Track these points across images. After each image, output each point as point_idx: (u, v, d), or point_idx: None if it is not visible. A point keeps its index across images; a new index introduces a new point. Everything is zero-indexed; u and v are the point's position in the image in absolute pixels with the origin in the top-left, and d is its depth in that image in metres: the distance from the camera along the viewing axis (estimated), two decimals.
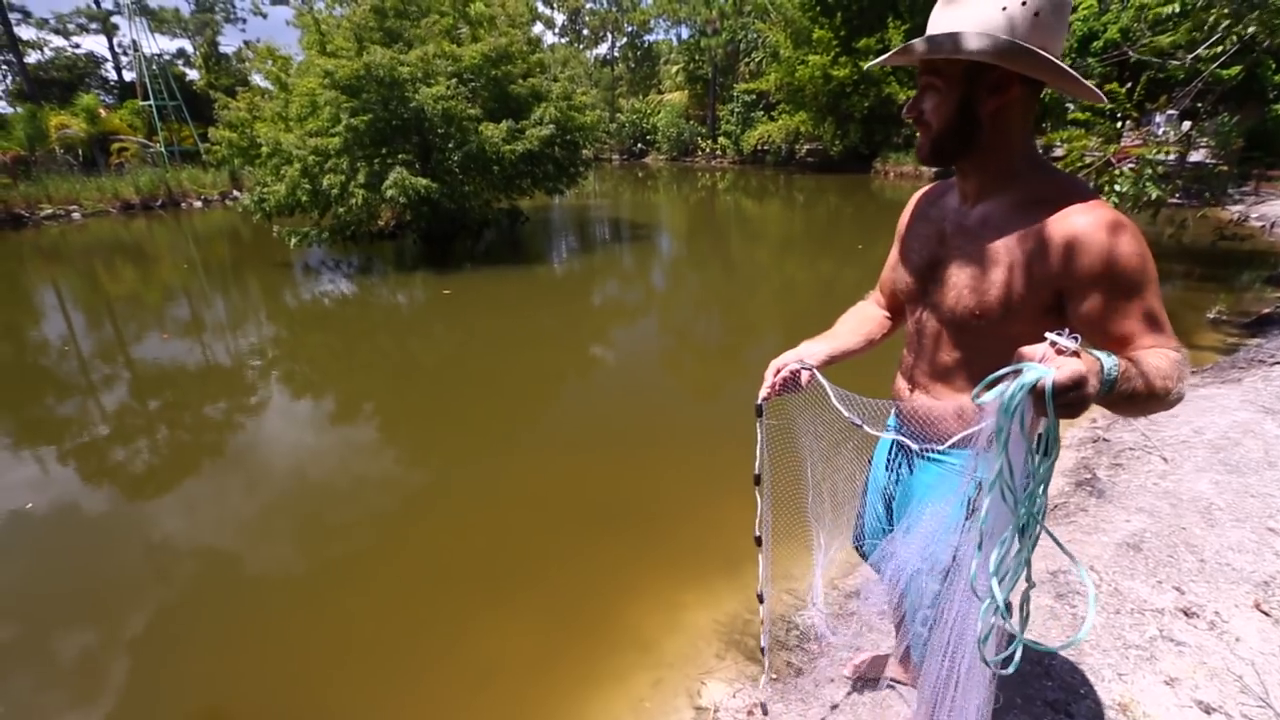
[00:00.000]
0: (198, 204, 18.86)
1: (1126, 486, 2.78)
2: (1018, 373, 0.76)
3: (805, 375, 1.23)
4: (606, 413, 4.52)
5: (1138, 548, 2.32)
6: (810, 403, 1.24)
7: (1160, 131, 7.93)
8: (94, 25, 29.08)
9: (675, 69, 37.68)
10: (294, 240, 9.06)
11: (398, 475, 3.72)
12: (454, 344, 6.28)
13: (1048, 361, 0.74)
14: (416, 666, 2.24)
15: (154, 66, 23.98)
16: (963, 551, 0.98)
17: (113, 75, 31.38)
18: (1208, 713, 1.63)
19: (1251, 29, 5.38)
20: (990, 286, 1.00)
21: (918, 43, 0.95)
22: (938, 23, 0.95)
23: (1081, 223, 0.90)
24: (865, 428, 1.14)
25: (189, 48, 32.37)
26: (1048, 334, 0.77)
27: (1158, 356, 0.85)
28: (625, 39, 41.07)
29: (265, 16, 40.43)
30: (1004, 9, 0.89)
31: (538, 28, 12.41)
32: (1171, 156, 7.02)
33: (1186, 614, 1.97)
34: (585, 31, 42.27)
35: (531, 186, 10.54)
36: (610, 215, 15.74)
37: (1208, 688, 1.70)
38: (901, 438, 1.19)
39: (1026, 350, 0.76)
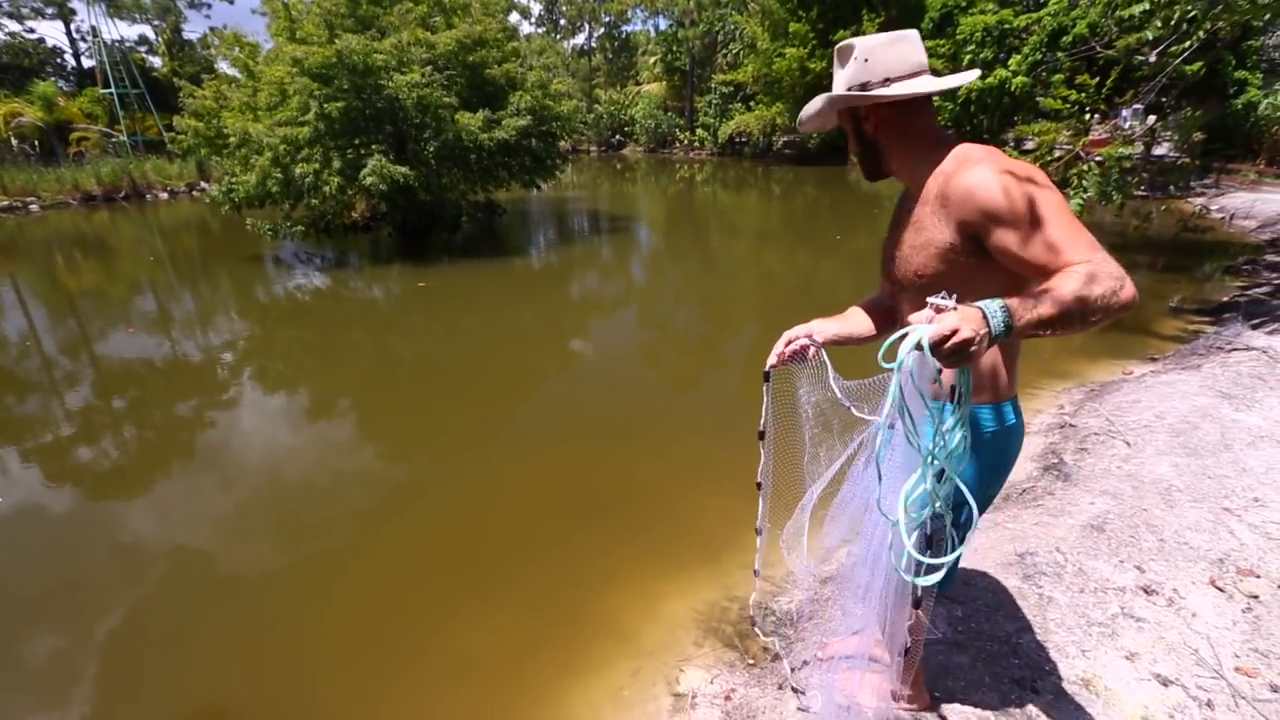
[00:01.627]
0: (164, 196, 18.34)
1: (1091, 470, 2.87)
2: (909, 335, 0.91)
3: (812, 350, 1.37)
4: (585, 406, 4.52)
5: (1101, 529, 2.39)
6: (812, 375, 1.38)
7: (1127, 125, 8.13)
8: (50, 10, 27.91)
9: (653, 60, 37.45)
10: (268, 233, 8.86)
11: (375, 471, 3.68)
12: (431, 338, 6.21)
13: (932, 322, 0.88)
14: (396, 661, 2.23)
15: (115, 53, 23.17)
16: (866, 484, 1.21)
17: (71, 62, 30.23)
18: (1165, 685, 1.70)
19: (1219, 23, 5.53)
20: (924, 247, 1.18)
21: (803, 113, 1.30)
22: (833, 85, 1.26)
23: (970, 174, 1.08)
24: (853, 409, 1.24)
25: (151, 34, 31.32)
26: (930, 299, 0.91)
27: (1070, 274, 0.95)
28: (602, 29, 40.72)
29: (232, 1, 39.34)
30: (849, 67, 1.19)
31: (513, 17, 12.24)
32: (1137, 151, 7.20)
33: (1147, 591, 2.05)
34: (562, 22, 41.82)
35: (509, 178, 10.43)
36: (588, 207, 15.66)
37: (1166, 661, 1.77)
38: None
39: (913, 316, 0.93)
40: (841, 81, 1.22)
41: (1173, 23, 6.04)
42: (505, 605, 2.49)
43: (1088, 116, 6.97)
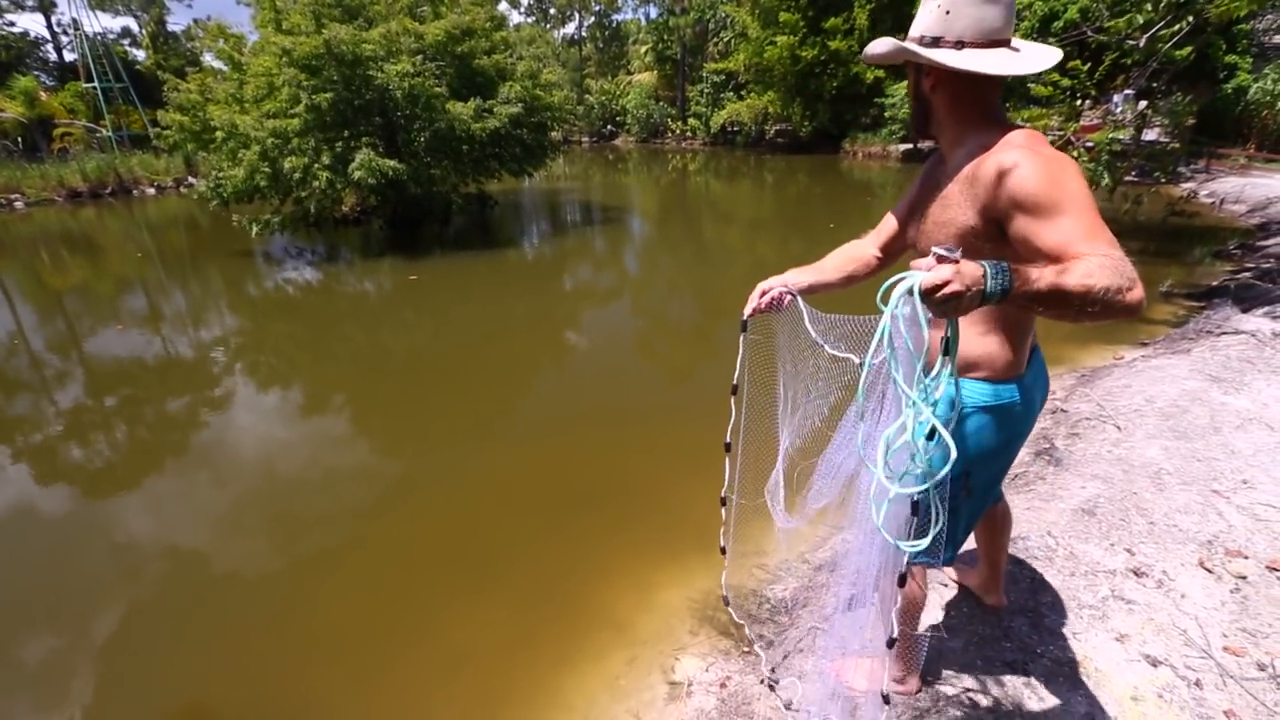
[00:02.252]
0: (150, 191, 18.13)
1: (1082, 454, 2.88)
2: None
3: (788, 299, 1.42)
4: (578, 397, 4.51)
5: (1092, 513, 2.41)
6: (789, 323, 1.41)
7: (1118, 110, 8.14)
8: (30, 1, 27.42)
9: (644, 49, 37.19)
10: (255, 229, 8.78)
11: (367, 465, 3.67)
12: (422, 331, 6.18)
13: (931, 270, 0.87)
14: (390, 654, 2.23)
15: (97, 46, 22.82)
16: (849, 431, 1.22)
17: (52, 56, 29.73)
18: (1155, 666, 1.71)
19: (1209, 7, 5.53)
20: (946, 224, 1.18)
21: (870, 49, 1.21)
22: (914, 21, 1.20)
23: (1002, 159, 1.06)
24: (828, 348, 1.26)
25: (134, 26, 30.87)
26: (934, 248, 0.90)
27: (1081, 261, 0.93)
28: (593, 18, 40.37)
29: None
30: (932, 12, 1.14)
31: (502, 6, 12.13)
32: (1127, 136, 7.21)
33: (1136, 574, 2.06)
34: (552, 10, 41.43)
35: (499, 169, 10.36)
36: (581, 198, 15.57)
37: (1155, 642, 1.79)
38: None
39: (914, 262, 0.91)
40: (919, 23, 1.16)
41: (1163, 5, 6.04)
42: (499, 598, 2.49)
43: (1079, 102, 6.97)
